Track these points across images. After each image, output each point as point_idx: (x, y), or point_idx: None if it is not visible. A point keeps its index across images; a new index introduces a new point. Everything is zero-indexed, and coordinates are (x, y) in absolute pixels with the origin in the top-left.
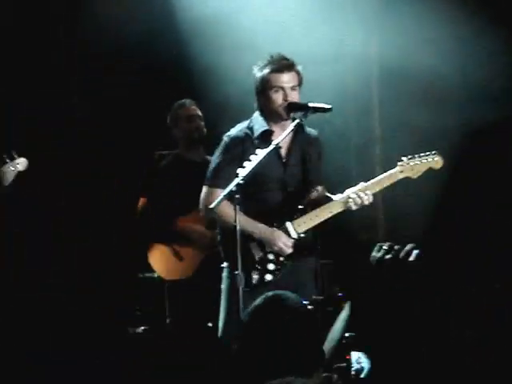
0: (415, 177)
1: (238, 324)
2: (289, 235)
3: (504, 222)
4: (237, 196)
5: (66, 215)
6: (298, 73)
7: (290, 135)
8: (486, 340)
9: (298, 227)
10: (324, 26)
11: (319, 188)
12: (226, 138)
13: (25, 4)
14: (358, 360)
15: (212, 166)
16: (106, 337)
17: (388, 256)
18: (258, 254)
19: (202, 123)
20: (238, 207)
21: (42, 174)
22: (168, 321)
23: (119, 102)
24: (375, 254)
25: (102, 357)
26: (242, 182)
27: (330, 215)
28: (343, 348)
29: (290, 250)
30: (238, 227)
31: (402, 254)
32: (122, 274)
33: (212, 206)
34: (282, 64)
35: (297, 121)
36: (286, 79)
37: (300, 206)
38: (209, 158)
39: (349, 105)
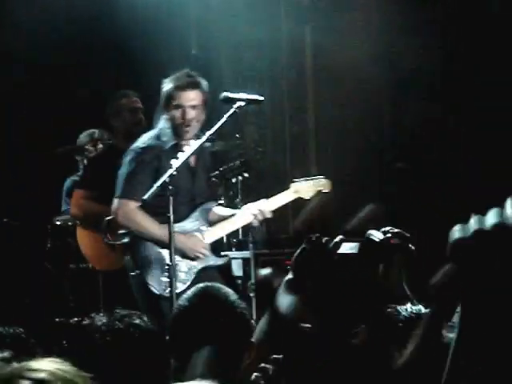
0: (307, 197)
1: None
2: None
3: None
4: (170, 187)
5: None
6: (202, 91)
7: (195, 147)
8: None
9: (206, 237)
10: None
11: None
12: (135, 149)
13: None
14: None
15: (122, 177)
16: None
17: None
18: (169, 261)
19: (138, 113)
20: (171, 199)
21: None
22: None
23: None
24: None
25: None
26: (175, 172)
27: (234, 228)
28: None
29: (207, 254)
30: (171, 218)
31: (330, 246)
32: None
33: (145, 197)
34: (186, 81)
35: (232, 110)
36: (187, 97)
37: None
38: None
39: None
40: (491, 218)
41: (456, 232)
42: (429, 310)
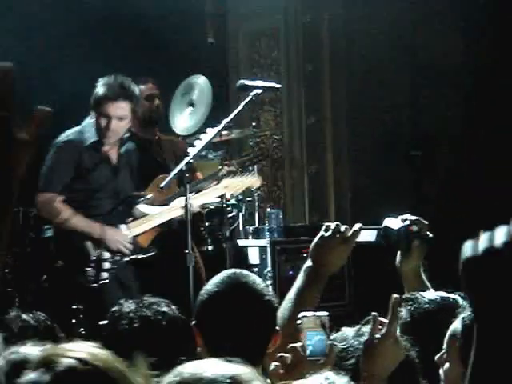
0: (237, 193)
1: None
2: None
3: None
4: (187, 175)
5: None
6: (133, 102)
7: (117, 143)
8: None
9: (132, 230)
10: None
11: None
12: (56, 144)
13: None
14: None
15: (43, 171)
16: None
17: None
18: (93, 253)
19: (155, 101)
20: (187, 187)
21: None
22: None
23: None
24: (323, 234)
25: None
26: (192, 160)
27: (159, 222)
28: None
29: (130, 247)
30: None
31: (349, 234)
32: None
33: (162, 185)
34: (117, 92)
35: (249, 97)
36: (115, 109)
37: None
38: (164, 136)
39: None
40: (501, 235)
41: (467, 249)
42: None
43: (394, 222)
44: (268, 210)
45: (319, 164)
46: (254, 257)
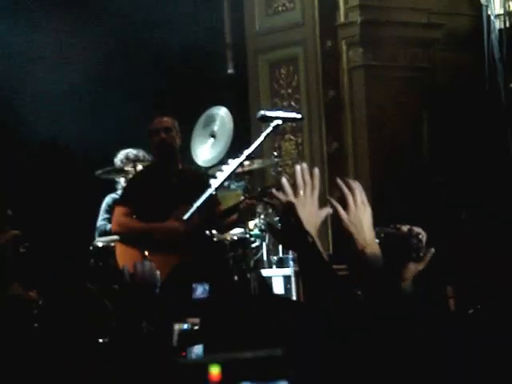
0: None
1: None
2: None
3: None
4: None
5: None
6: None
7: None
8: None
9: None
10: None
11: None
12: None
13: None
14: None
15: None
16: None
17: None
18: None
19: (172, 134)
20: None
21: None
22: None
23: None
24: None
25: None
26: (214, 192)
27: None
28: None
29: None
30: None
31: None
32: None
33: (185, 217)
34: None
35: (270, 128)
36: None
37: None
38: (186, 167)
39: None
40: None
41: None
42: None
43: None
44: None
45: (342, 192)
46: (278, 286)
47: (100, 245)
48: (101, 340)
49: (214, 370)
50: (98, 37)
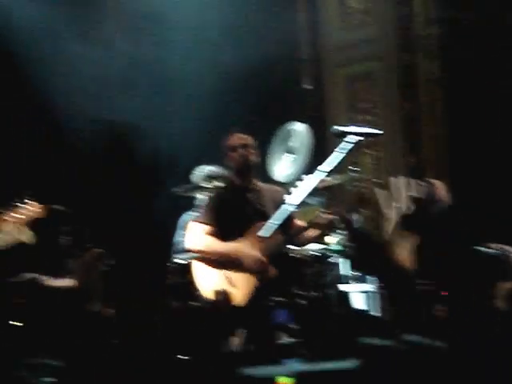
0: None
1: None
2: None
3: None
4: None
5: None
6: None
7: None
8: None
9: None
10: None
11: None
12: None
13: None
14: None
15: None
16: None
17: None
18: None
19: (249, 151)
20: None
21: None
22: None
23: None
24: None
25: None
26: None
27: None
28: None
29: None
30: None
31: None
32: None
33: (261, 233)
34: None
35: (351, 145)
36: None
37: None
38: (262, 184)
39: None
40: None
41: None
42: None
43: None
44: None
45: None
46: (357, 302)
47: (178, 262)
48: (180, 356)
49: (283, 381)
50: (173, 56)
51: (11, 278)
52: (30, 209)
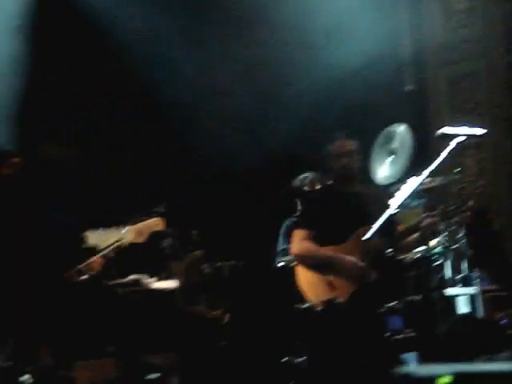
0: (142, 240)
1: None
2: None
3: None
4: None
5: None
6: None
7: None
8: None
9: None
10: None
11: None
12: None
13: None
14: None
15: None
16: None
17: None
18: None
19: (354, 158)
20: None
21: None
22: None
23: None
24: None
25: None
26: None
27: None
28: None
29: None
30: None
31: None
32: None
33: (366, 237)
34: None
35: (453, 145)
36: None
37: None
38: (365, 188)
39: None
40: None
41: None
42: None
43: None
44: None
45: None
46: (462, 306)
47: (280, 265)
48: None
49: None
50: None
51: (119, 279)
52: (155, 222)
